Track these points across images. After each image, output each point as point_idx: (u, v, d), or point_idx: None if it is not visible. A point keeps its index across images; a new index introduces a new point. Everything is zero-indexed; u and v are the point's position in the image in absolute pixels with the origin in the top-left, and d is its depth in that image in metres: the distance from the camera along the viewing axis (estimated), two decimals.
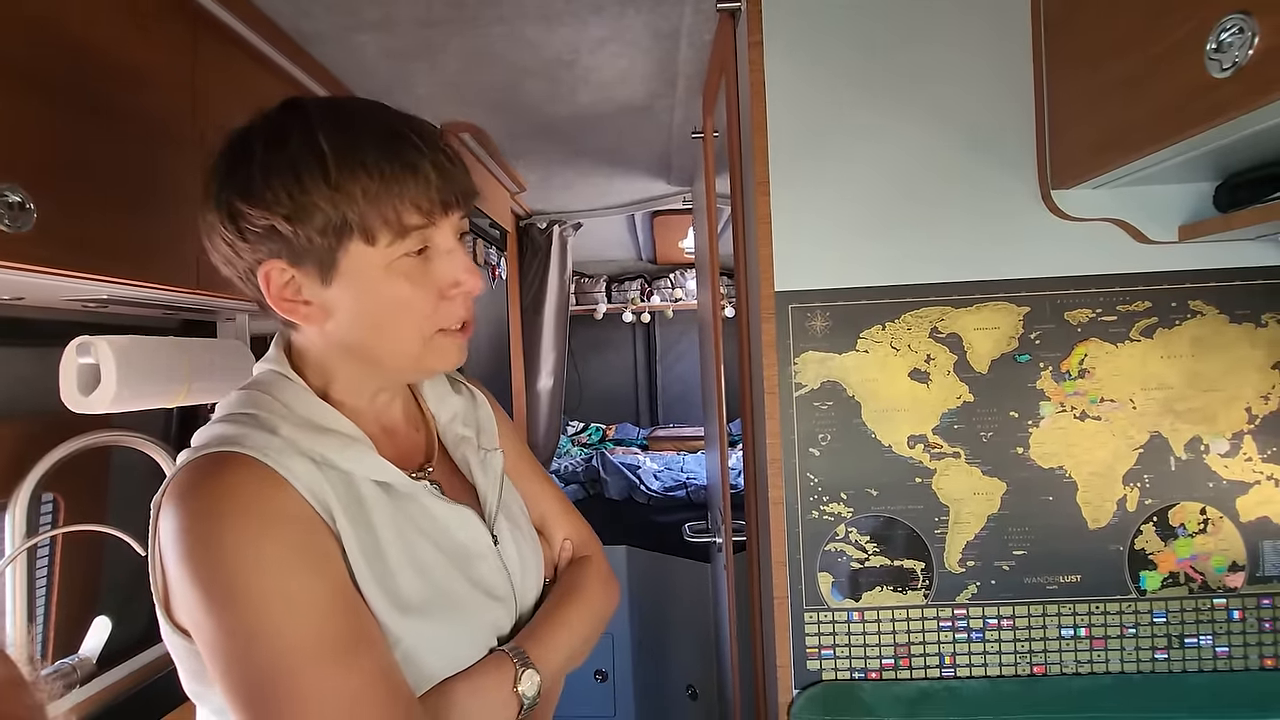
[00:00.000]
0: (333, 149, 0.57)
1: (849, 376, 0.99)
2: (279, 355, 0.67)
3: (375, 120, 0.61)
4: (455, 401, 0.79)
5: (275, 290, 0.61)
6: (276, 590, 0.53)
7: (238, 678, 0.52)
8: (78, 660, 1.14)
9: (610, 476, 2.82)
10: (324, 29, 1.23)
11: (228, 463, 0.56)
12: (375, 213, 0.58)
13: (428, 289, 0.62)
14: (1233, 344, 0.96)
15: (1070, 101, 0.89)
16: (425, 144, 0.60)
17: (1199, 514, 0.97)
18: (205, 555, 0.53)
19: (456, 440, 0.76)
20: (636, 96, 1.63)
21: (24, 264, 0.75)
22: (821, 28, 0.98)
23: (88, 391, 1.03)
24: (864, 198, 0.99)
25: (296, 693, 0.52)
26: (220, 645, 0.53)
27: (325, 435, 0.61)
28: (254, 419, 0.60)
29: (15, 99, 0.75)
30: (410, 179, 0.58)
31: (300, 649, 0.52)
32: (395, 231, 0.59)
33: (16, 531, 1.07)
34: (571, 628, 0.72)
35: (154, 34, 0.97)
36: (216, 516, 0.54)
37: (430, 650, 0.61)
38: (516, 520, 0.76)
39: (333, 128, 0.59)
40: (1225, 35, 0.61)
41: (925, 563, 0.99)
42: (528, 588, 0.73)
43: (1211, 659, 0.97)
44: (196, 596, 0.53)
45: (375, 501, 0.62)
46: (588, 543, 0.84)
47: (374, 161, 0.58)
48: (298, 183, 0.57)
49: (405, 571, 0.61)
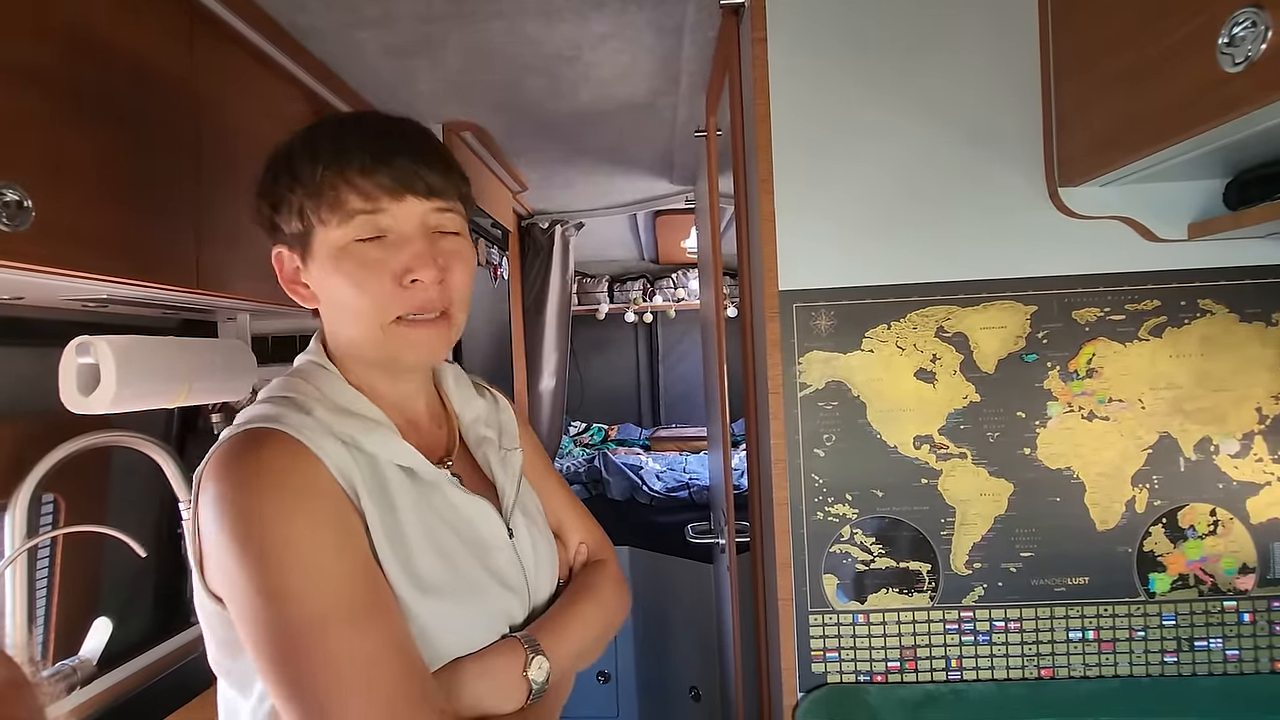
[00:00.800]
0: (300, 144, 0.66)
1: (854, 376, 0.98)
2: (317, 345, 0.72)
3: (342, 119, 0.69)
4: (479, 404, 0.82)
5: (285, 274, 0.70)
6: (304, 556, 0.57)
7: (264, 636, 0.56)
8: (78, 661, 1.13)
9: (613, 477, 2.81)
10: (322, 25, 1.22)
11: (266, 438, 0.60)
12: (323, 197, 0.64)
13: (381, 274, 0.64)
14: (1243, 343, 0.95)
15: (1077, 98, 0.88)
16: (378, 135, 0.65)
17: (1209, 515, 0.96)
18: (241, 521, 0.57)
19: (478, 440, 0.79)
20: (639, 94, 1.62)
21: (22, 263, 0.75)
22: (826, 24, 0.97)
23: (88, 392, 1.02)
24: (869, 196, 0.98)
25: (316, 653, 0.55)
26: (250, 605, 0.57)
27: (354, 419, 0.66)
28: (291, 401, 0.65)
29: (13, 97, 0.75)
30: (350, 164, 0.63)
31: (322, 612, 0.56)
32: (341, 215, 0.64)
33: (17, 532, 1.07)
34: (584, 624, 0.74)
35: (151, 29, 0.96)
36: (253, 486, 0.58)
37: (445, 629, 0.63)
38: (532, 517, 0.78)
39: (307, 130, 0.68)
40: (1238, 29, 0.60)
41: (931, 564, 0.98)
42: (541, 582, 0.75)
43: (1222, 662, 0.96)
44: (231, 559, 0.57)
45: (398, 485, 0.66)
46: (602, 548, 0.86)
47: (323, 151, 0.64)
48: (275, 176, 0.67)
49: (425, 553, 0.64)
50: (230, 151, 1.11)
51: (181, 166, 1.00)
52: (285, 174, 0.66)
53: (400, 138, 0.66)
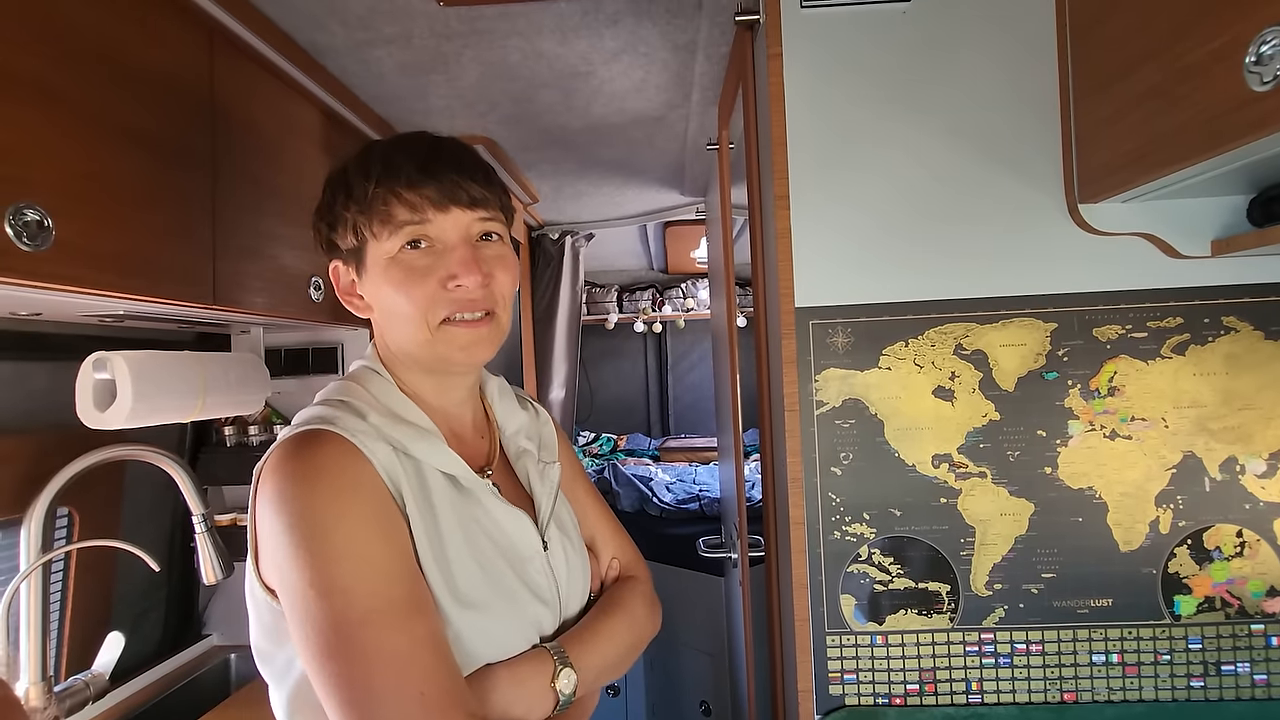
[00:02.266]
0: (354, 165, 0.71)
1: (871, 394, 0.97)
2: (371, 352, 0.76)
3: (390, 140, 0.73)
4: (521, 416, 0.84)
5: (342, 286, 0.75)
6: (353, 550, 0.60)
7: (312, 626, 0.59)
8: (91, 676, 1.13)
9: (622, 488, 2.80)
10: (339, 43, 1.23)
11: (322, 438, 0.63)
12: (374, 211, 0.68)
13: (427, 280, 0.68)
14: (1268, 361, 0.94)
15: (1098, 115, 0.88)
16: (424, 152, 0.70)
17: (1235, 536, 0.94)
18: (296, 512, 0.60)
19: (518, 452, 0.81)
20: (651, 107, 1.63)
21: (43, 282, 0.75)
22: (841, 40, 0.97)
23: (104, 407, 1.03)
24: (886, 212, 0.97)
25: (359, 647, 0.58)
26: (300, 595, 0.59)
27: (404, 425, 0.69)
28: (347, 405, 0.68)
29: (36, 117, 0.75)
30: (397, 178, 0.68)
31: (367, 607, 0.58)
32: (390, 226, 0.68)
33: (32, 546, 1.07)
34: (612, 639, 0.76)
35: (172, 50, 0.97)
36: (309, 482, 0.61)
37: (478, 634, 0.65)
38: (567, 531, 0.80)
39: (359, 153, 0.72)
40: (1265, 48, 0.60)
41: (951, 585, 0.96)
42: (572, 595, 0.77)
43: (1249, 687, 0.94)
44: (285, 552, 0.60)
45: (441, 492, 0.68)
46: (635, 565, 0.87)
47: (374, 168, 0.69)
48: (332, 197, 0.72)
49: (463, 558, 0.66)
50: (246, 167, 1.12)
51: (199, 184, 1.01)
52: (341, 193, 0.71)
53: (444, 154, 0.70)
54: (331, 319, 1.38)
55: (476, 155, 0.73)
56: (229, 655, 1.55)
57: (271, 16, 1.13)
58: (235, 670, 1.55)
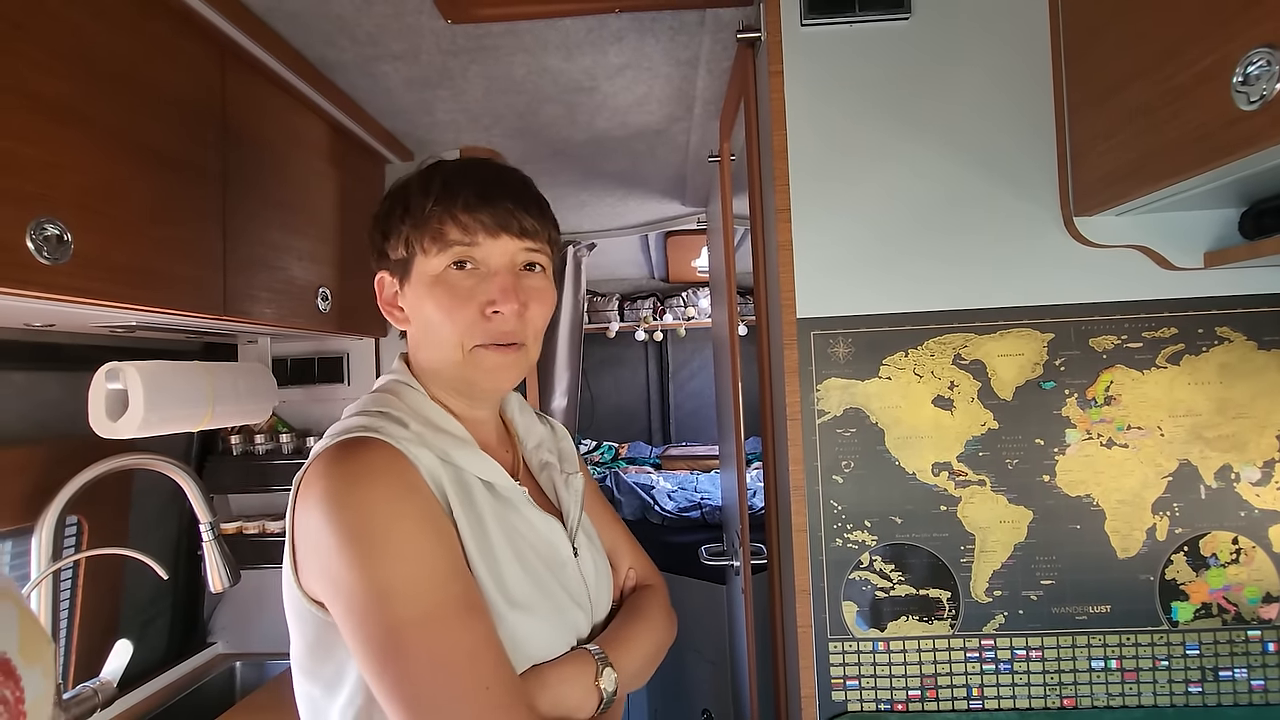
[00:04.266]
0: (417, 183, 0.73)
1: (872, 403, 0.98)
2: (401, 366, 0.77)
3: (458, 164, 0.75)
4: (541, 430, 0.86)
5: (384, 296, 0.76)
6: (408, 550, 0.60)
7: (372, 628, 0.58)
8: (99, 684, 1.14)
9: (624, 496, 2.81)
10: (349, 59, 1.26)
11: (367, 444, 0.64)
12: (428, 228, 0.70)
13: (469, 303, 0.69)
14: (1261, 370, 0.95)
15: (1092, 130, 0.90)
16: (487, 180, 0.72)
17: (1231, 543, 0.95)
18: (347, 514, 0.60)
19: (541, 464, 0.83)
20: (653, 120, 1.65)
21: (61, 295, 0.77)
22: (841, 56, 0.99)
23: (116, 417, 1.04)
24: (885, 224, 0.99)
25: (420, 647, 0.58)
26: (357, 598, 0.59)
27: (442, 434, 0.70)
28: (385, 415, 0.69)
29: (57, 135, 0.77)
30: (455, 201, 0.70)
31: (426, 607, 0.59)
32: (440, 244, 0.70)
33: (43, 555, 1.08)
34: (641, 643, 0.77)
35: (185, 67, 0.99)
36: (361, 483, 0.61)
37: (527, 637, 0.66)
38: (593, 539, 0.82)
39: (425, 170, 0.74)
40: (1252, 68, 0.61)
41: (951, 592, 0.97)
42: (601, 600, 0.79)
43: (1247, 693, 0.95)
44: (338, 554, 0.59)
45: (483, 498, 0.70)
46: (651, 575, 0.88)
47: (435, 187, 0.71)
48: (390, 209, 0.74)
49: (510, 563, 0.68)
50: (256, 180, 1.14)
51: (210, 197, 1.03)
52: (399, 207, 0.72)
53: (505, 184, 0.72)
54: (338, 329, 1.40)
55: (534, 188, 0.75)
56: (234, 663, 1.56)
57: (283, 33, 1.15)
58: (241, 677, 1.56)
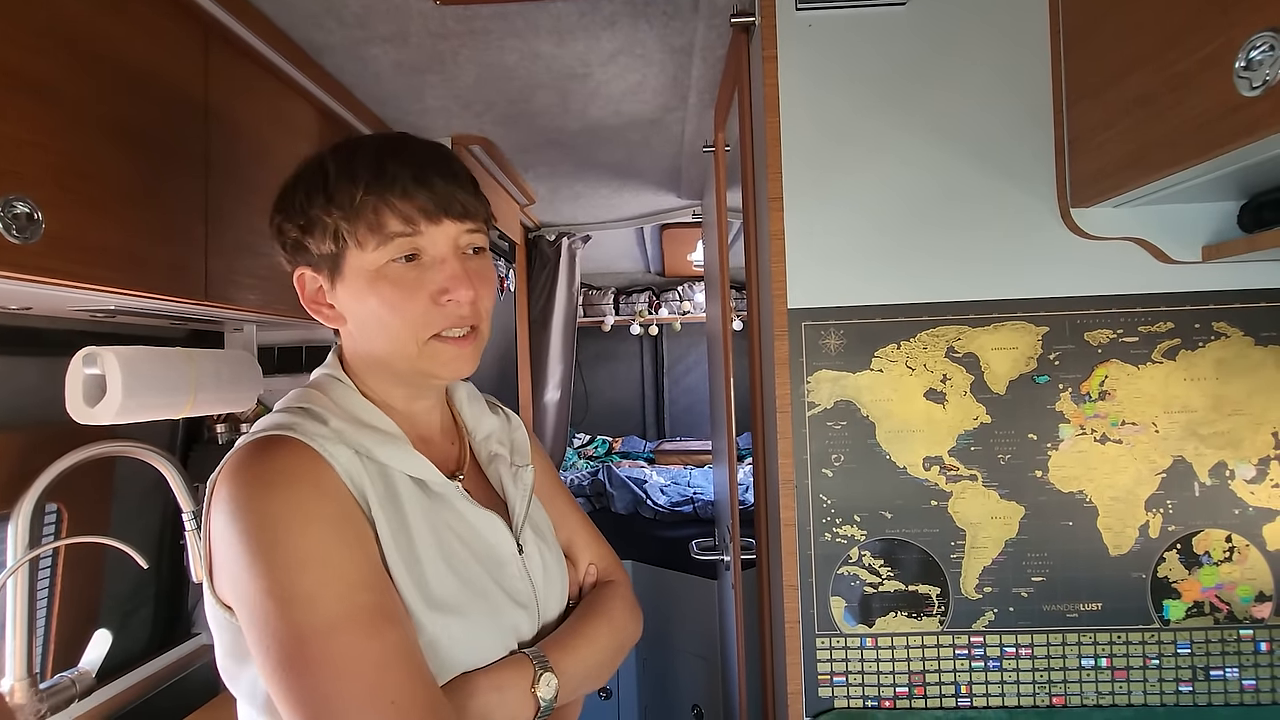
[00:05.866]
0: (333, 168, 0.66)
1: (863, 396, 0.97)
2: (333, 360, 0.74)
3: (377, 141, 0.69)
4: (491, 421, 0.83)
5: (308, 294, 0.71)
6: (315, 557, 0.57)
7: (272, 638, 0.55)
8: (77, 674, 1.12)
9: (616, 490, 2.80)
10: (336, 41, 1.23)
11: (279, 444, 0.61)
12: (361, 220, 0.65)
13: (417, 294, 0.66)
14: (1258, 366, 0.94)
15: (1090, 120, 0.88)
16: (415, 158, 0.66)
17: (1224, 541, 0.94)
18: (252, 521, 0.57)
19: (490, 456, 0.80)
20: (648, 109, 1.63)
21: (32, 275, 0.75)
22: (836, 44, 0.97)
23: (93, 403, 1.02)
24: (879, 214, 0.97)
25: (324, 659, 0.55)
26: (259, 606, 0.56)
27: (367, 430, 0.67)
28: (306, 411, 0.66)
29: (25, 110, 0.75)
30: (390, 188, 0.64)
31: (332, 616, 0.55)
32: (379, 237, 0.65)
33: (19, 542, 1.06)
34: (594, 643, 0.74)
35: (166, 45, 0.97)
36: (266, 487, 0.58)
37: (453, 642, 0.63)
38: (543, 534, 0.79)
39: (338, 153, 0.68)
40: (1255, 53, 0.60)
41: (941, 588, 0.96)
42: (550, 599, 0.75)
43: (1238, 692, 0.94)
44: (241, 562, 0.57)
45: (410, 496, 0.66)
46: (613, 569, 0.85)
47: (360, 174, 0.65)
48: (307, 198, 0.67)
49: (435, 564, 0.64)
50: (239, 163, 1.12)
51: (191, 179, 1.00)
52: (319, 196, 0.66)
53: (436, 162, 0.67)
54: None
55: (462, 163, 0.71)
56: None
57: (268, 14, 1.12)
58: None
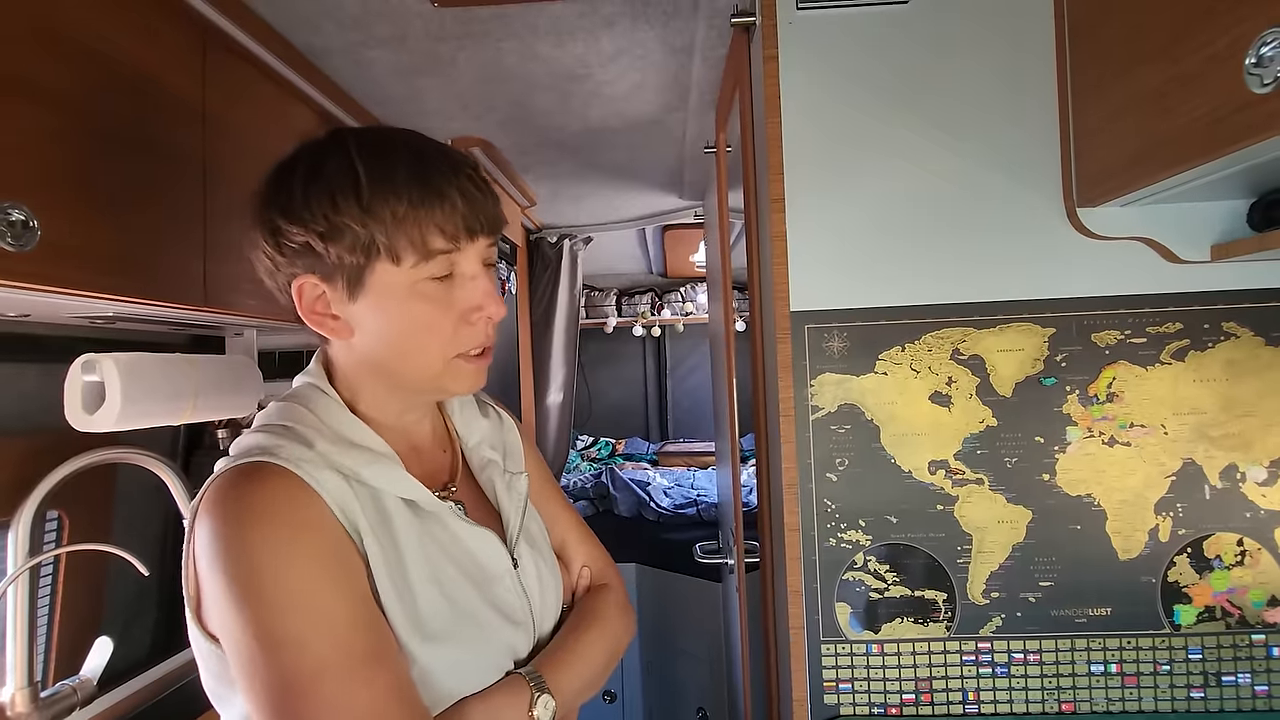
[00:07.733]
0: (367, 173, 0.61)
1: (867, 399, 0.96)
2: (318, 369, 0.70)
3: (409, 147, 0.64)
4: (483, 425, 0.80)
5: (307, 304, 0.65)
6: (302, 599, 0.55)
7: (261, 683, 0.54)
8: (78, 681, 1.12)
9: (619, 493, 2.79)
10: (335, 45, 1.23)
11: (262, 472, 0.58)
12: (402, 235, 0.61)
13: (449, 312, 0.64)
14: (1269, 367, 0.93)
15: (1096, 118, 0.87)
16: (455, 171, 0.63)
17: (1236, 545, 0.92)
18: (236, 560, 0.55)
19: (483, 463, 0.78)
20: (648, 110, 1.62)
21: (28, 283, 0.74)
22: (838, 43, 0.96)
23: (93, 409, 1.02)
24: (882, 214, 0.96)
25: (315, 702, 0.53)
26: (245, 649, 0.54)
27: (355, 450, 0.63)
28: (290, 431, 0.62)
29: (20, 115, 0.74)
30: (438, 204, 0.61)
31: (321, 659, 0.54)
32: (420, 254, 0.61)
33: (20, 550, 1.06)
34: (588, 655, 0.73)
35: (163, 49, 0.96)
36: (249, 523, 0.56)
37: (446, 671, 0.61)
38: (537, 544, 0.77)
39: (369, 153, 0.62)
40: (1266, 49, 0.59)
41: (947, 594, 0.95)
42: (546, 612, 0.74)
43: (1250, 698, 0.92)
44: (226, 600, 0.55)
45: (400, 518, 0.64)
46: (606, 571, 0.84)
47: (404, 186, 0.60)
48: (332, 203, 0.60)
49: (427, 592, 0.62)
50: (237, 167, 1.11)
51: (189, 184, 1.00)
52: (350, 202, 0.60)
53: (470, 173, 0.64)
54: None
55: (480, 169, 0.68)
56: None
57: (266, 17, 1.12)
58: None
